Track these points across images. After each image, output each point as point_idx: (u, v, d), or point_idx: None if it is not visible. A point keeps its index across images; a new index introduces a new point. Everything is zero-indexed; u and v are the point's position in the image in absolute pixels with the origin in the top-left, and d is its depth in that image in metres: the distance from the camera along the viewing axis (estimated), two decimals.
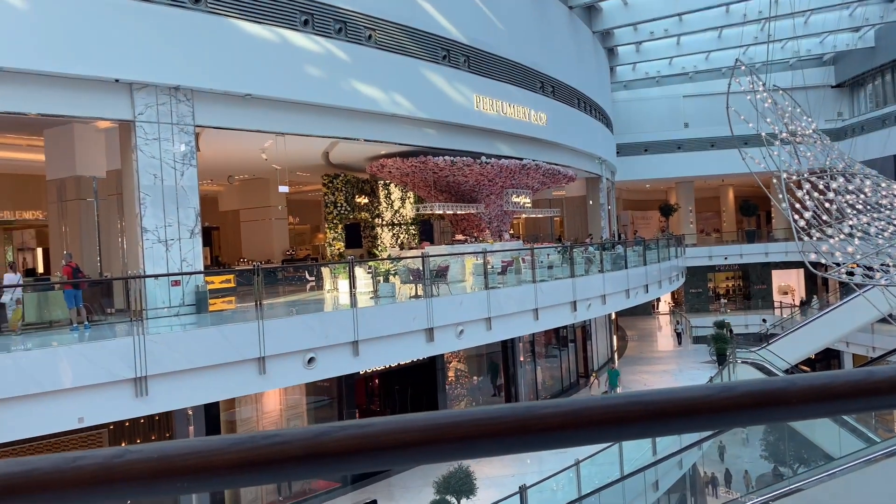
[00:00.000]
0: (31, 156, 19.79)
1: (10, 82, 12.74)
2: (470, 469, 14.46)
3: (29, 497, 0.68)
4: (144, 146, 14.16)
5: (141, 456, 0.73)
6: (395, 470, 18.08)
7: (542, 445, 0.94)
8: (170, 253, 14.50)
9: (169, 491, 0.76)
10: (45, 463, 0.69)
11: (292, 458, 0.82)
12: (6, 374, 9.83)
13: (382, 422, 0.87)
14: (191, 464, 0.76)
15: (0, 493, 0.67)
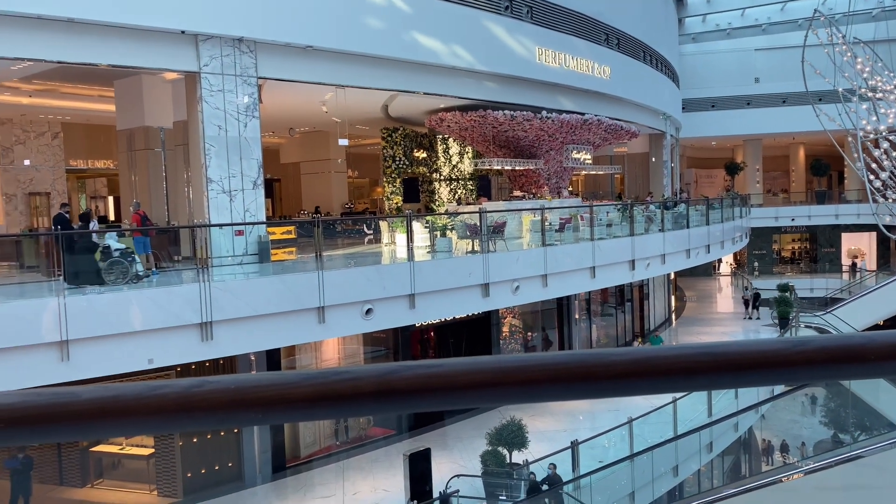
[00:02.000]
0: (103, 106, 20.41)
1: (83, 33, 13.08)
2: (522, 422, 14.62)
3: (115, 422, 0.72)
4: (209, 97, 14.41)
5: (219, 386, 0.76)
6: (450, 419, 18.43)
7: (608, 392, 0.93)
8: (233, 203, 14.84)
9: (244, 422, 0.79)
10: (129, 390, 0.72)
11: (362, 394, 0.83)
12: (83, 315, 10.33)
13: (451, 362, 0.87)
14: (266, 395, 0.78)
15: (91, 416, 0.70)
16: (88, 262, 11.70)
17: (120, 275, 11.78)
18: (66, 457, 15.00)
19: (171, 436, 14.47)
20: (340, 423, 17.55)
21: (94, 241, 12.39)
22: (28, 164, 23.39)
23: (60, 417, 0.68)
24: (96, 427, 0.71)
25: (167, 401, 0.73)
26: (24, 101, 20.31)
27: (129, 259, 12.03)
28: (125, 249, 12.19)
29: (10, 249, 17.82)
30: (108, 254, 11.94)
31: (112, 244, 12.19)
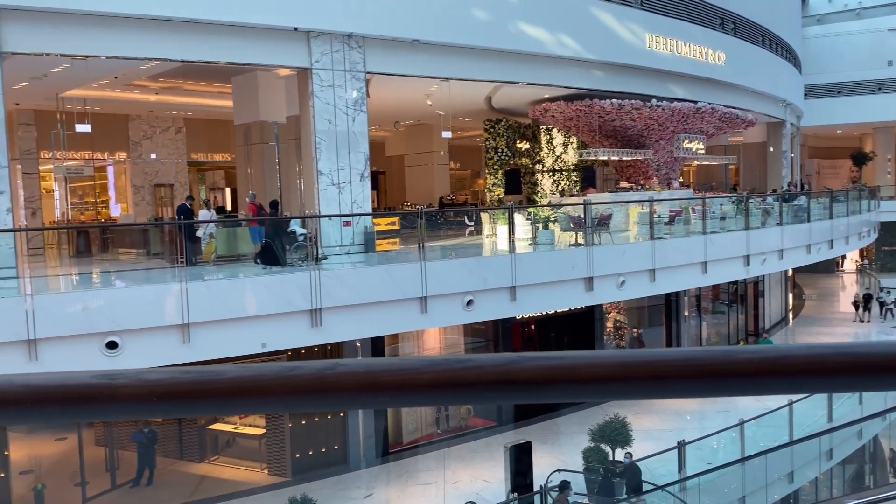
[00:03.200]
0: (221, 102, 21.50)
1: (204, 33, 13.83)
2: (626, 420, 14.31)
3: (255, 399, 0.75)
4: (320, 93, 14.89)
5: (350, 369, 0.78)
6: (552, 414, 18.29)
7: (737, 391, 0.90)
8: (342, 195, 15.30)
9: (371, 404, 0.81)
10: (268, 370, 0.76)
11: (484, 383, 0.84)
12: (202, 300, 10.96)
13: (575, 355, 0.86)
14: (393, 380, 0.80)
15: (233, 393, 0.74)
16: (279, 246, 12.96)
17: (303, 257, 13.03)
18: (186, 433, 16.00)
19: (281, 417, 15.13)
20: (441, 412, 17.78)
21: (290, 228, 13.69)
22: (154, 157, 25.00)
23: (206, 394, 0.72)
24: (238, 404, 0.75)
25: (302, 381, 0.76)
26: (151, 99, 21.70)
27: (309, 243, 13.23)
28: (307, 234, 13.41)
29: (137, 237, 19.15)
30: (294, 238, 13.12)
31: (297, 230, 13.35)
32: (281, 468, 15.31)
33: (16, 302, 10.09)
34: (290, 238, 13.25)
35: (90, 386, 0.67)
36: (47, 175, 24.10)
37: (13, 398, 0.65)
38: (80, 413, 0.69)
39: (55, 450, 15.26)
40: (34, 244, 20.01)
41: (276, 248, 12.73)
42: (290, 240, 13.23)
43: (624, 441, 14.06)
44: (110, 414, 0.70)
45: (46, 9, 12.59)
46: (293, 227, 13.62)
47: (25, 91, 17.70)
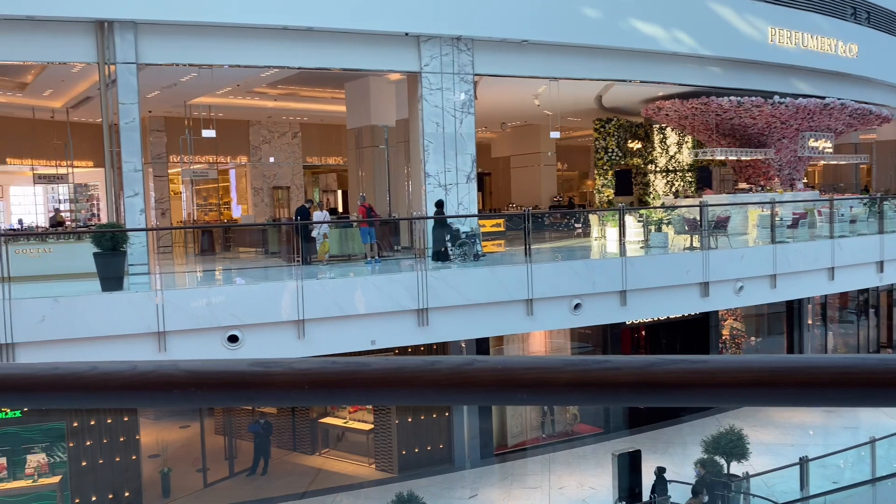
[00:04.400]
0: (335, 107, 22.26)
1: (320, 41, 14.37)
2: (743, 432, 13.65)
3: (396, 391, 0.77)
4: (429, 96, 15.12)
5: (488, 366, 0.78)
6: (662, 423, 17.71)
7: (894, 402, 0.84)
8: (448, 196, 15.45)
9: (508, 401, 0.81)
10: (409, 363, 0.77)
11: (622, 384, 0.82)
12: (316, 297, 11.37)
13: (716, 359, 0.83)
14: (531, 378, 0.79)
15: (377, 384, 0.76)
16: (442, 243, 13.88)
17: (467, 255, 13.68)
18: (299, 426, 16.64)
19: (389, 414, 15.46)
20: (547, 416, 17.61)
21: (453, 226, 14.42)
22: (272, 160, 26.21)
23: (352, 383, 0.74)
24: (380, 395, 0.77)
25: (440, 376, 0.77)
26: (269, 105, 22.76)
27: (472, 241, 13.88)
28: (470, 233, 14.04)
29: (256, 237, 20.13)
30: (458, 236, 13.77)
31: (462, 228, 13.98)
32: (388, 464, 15.65)
33: (147, 297, 10.84)
34: (454, 236, 13.89)
35: (247, 374, 0.71)
36: (175, 178, 25.78)
37: (179, 382, 0.69)
38: (238, 398, 0.73)
39: (179, 436, 16.27)
40: (163, 243, 21.46)
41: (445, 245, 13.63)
42: (455, 238, 13.88)
43: (740, 454, 13.42)
44: (265, 400, 0.73)
45: (177, 22, 13.47)
46: (457, 225, 14.20)
47: (157, 99, 19.02)
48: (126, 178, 13.44)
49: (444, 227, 14.05)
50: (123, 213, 13.50)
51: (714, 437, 13.62)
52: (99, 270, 10.85)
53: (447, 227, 14.04)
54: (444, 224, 14.16)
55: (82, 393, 0.66)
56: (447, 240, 13.78)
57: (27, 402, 0.69)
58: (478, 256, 13.85)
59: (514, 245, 16.75)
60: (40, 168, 23.56)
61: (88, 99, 18.74)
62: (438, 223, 14.14)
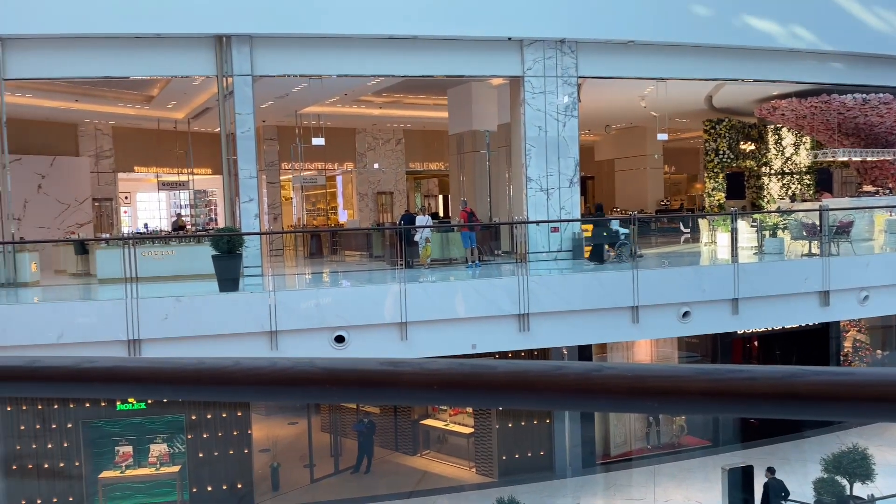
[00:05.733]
0: (437, 114, 22.54)
1: (423, 49, 14.60)
2: (868, 451, 12.74)
3: (522, 394, 0.76)
4: (531, 99, 15.04)
5: (617, 372, 0.76)
6: (777, 439, 16.79)
7: None
8: (550, 201, 15.31)
9: (637, 409, 0.79)
10: (535, 367, 0.76)
11: (759, 395, 0.77)
12: (418, 300, 11.54)
13: (865, 371, 0.77)
14: (663, 386, 0.76)
15: (503, 387, 0.76)
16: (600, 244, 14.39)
17: (625, 256, 14.03)
18: (401, 426, 16.93)
19: (489, 418, 15.45)
20: (652, 427, 17.09)
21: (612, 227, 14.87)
22: (377, 167, 26.85)
23: (479, 385, 0.75)
24: (506, 397, 0.76)
25: (567, 381, 0.75)
26: (374, 113, 23.34)
27: (629, 242, 14.13)
28: (628, 234, 14.31)
29: (361, 241, 20.65)
30: (616, 238, 14.18)
31: (620, 230, 14.28)
32: (488, 468, 15.64)
33: (261, 297, 11.35)
34: (612, 238, 14.17)
35: (377, 372, 0.72)
36: (286, 184, 26.89)
37: (316, 379, 0.72)
38: (369, 396, 0.74)
39: (288, 432, 16.90)
40: (275, 246, 22.42)
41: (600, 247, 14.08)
42: (613, 239, 14.16)
43: (864, 475, 12.53)
44: (394, 398, 0.74)
45: (289, 35, 14.06)
46: (615, 227, 14.38)
47: (270, 109, 19.89)
48: (242, 184, 14.13)
49: (602, 228, 14.42)
50: (239, 217, 14.20)
51: (835, 455, 12.79)
52: (217, 272, 11.46)
53: (605, 228, 14.34)
54: (602, 225, 14.50)
55: (226, 386, 0.70)
56: (605, 239, 14.15)
57: (176, 394, 0.73)
58: (634, 257, 13.82)
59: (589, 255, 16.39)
60: (164, 175, 25.22)
61: (208, 110, 19.86)
62: (597, 225, 14.60)
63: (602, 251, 14.12)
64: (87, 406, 13.67)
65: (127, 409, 13.78)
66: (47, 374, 0.73)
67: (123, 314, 10.43)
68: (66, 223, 20.88)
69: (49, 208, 20.37)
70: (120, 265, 11.49)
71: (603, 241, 14.27)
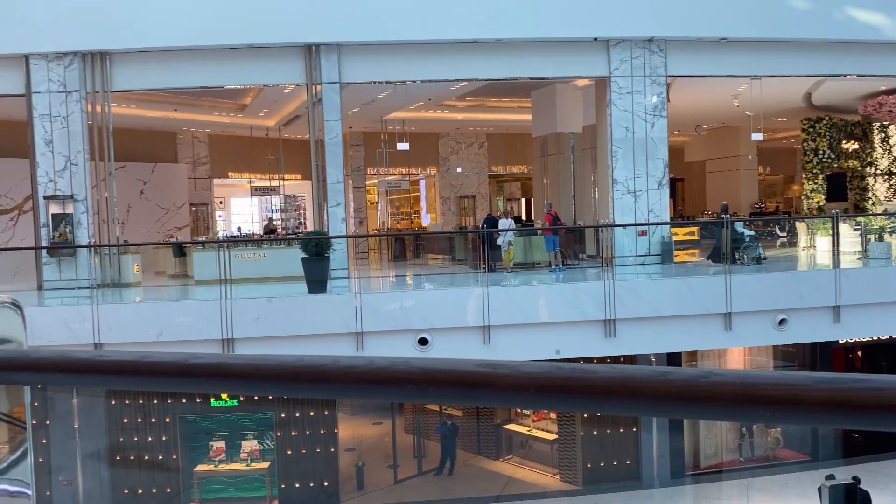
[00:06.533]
0: (520, 116, 22.45)
1: (507, 52, 14.58)
2: None
3: (625, 400, 0.73)
4: (618, 100, 14.75)
5: (726, 379, 0.72)
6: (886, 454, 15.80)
7: None
8: (637, 203, 14.95)
9: (747, 418, 0.74)
10: (639, 372, 0.73)
11: (885, 407, 0.71)
12: (501, 304, 11.51)
13: None
14: (775, 394, 0.72)
15: (605, 391, 0.73)
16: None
17: (747, 257, 13.86)
18: (483, 430, 16.91)
19: (573, 424, 15.23)
20: (745, 439, 16.40)
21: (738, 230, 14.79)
22: (459, 170, 26.97)
23: (578, 390, 0.72)
24: (607, 402, 0.74)
25: (674, 387, 0.72)
26: (458, 117, 23.46)
27: (755, 244, 14.10)
28: (753, 236, 14.31)
29: (444, 244, 20.79)
30: (742, 240, 14.06)
31: (745, 232, 14.23)
32: (572, 476, 15.41)
33: (347, 299, 11.60)
34: (738, 240, 13.97)
35: (473, 373, 0.71)
36: (371, 188, 27.39)
37: (413, 379, 0.71)
38: (465, 397, 0.73)
39: (372, 432, 17.18)
40: (360, 249, 22.88)
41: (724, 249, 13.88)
42: (739, 242, 13.96)
43: None
44: (489, 400, 0.73)
45: (376, 42, 14.33)
46: (740, 229, 14.24)
47: (357, 115, 20.32)
48: (330, 189, 14.50)
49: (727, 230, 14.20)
50: (327, 221, 14.57)
51: None
52: (306, 274, 11.80)
53: (731, 230, 14.14)
54: (728, 227, 14.28)
55: (324, 384, 0.70)
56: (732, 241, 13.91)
57: (276, 390, 0.75)
58: (760, 259, 13.61)
59: (709, 255, 15.86)
60: (256, 181, 26.18)
61: (297, 117, 20.49)
62: (721, 226, 14.40)
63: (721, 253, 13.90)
64: (183, 402, 14.33)
65: (220, 405, 14.34)
66: (156, 368, 0.76)
67: (218, 314, 10.88)
68: (166, 227, 21.98)
69: (150, 213, 21.50)
70: (215, 267, 12.00)
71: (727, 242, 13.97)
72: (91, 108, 14.34)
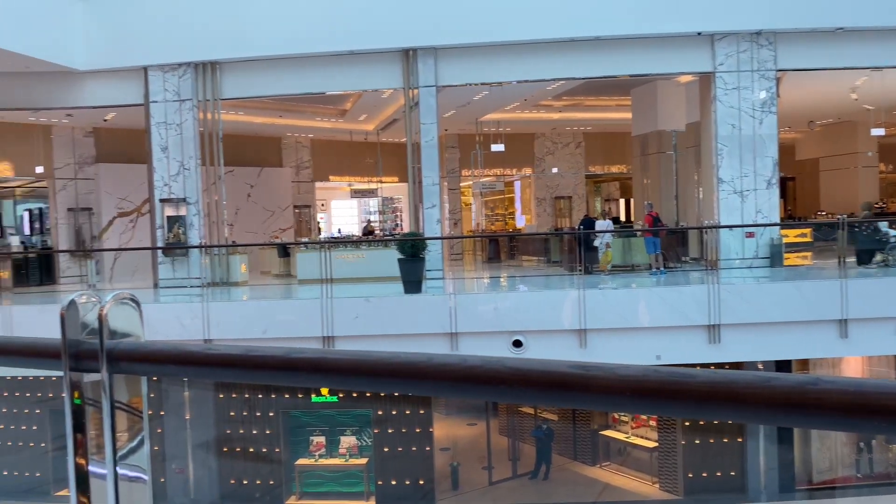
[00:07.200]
0: (619, 115, 21.95)
1: (605, 49, 14.31)
2: None
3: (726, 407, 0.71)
4: (723, 96, 14.18)
5: (836, 387, 0.68)
6: None
7: None
8: (744, 204, 14.32)
9: (857, 427, 0.70)
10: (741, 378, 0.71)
11: None
12: (598, 307, 11.30)
13: None
14: (892, 405, 0.67)
15: (703, 397, 0.71)
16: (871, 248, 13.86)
17: (893, 260, 13.58)
18: (580, 435, 16.65)
19: (674, 432, 14.76)
20: (863, 454, 15.37)
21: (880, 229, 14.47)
22: (555, 171, 26.67)
23: (677, 394, 0.70)
24: (707, 408, 0.71)
25: (778, 394, 0.69)
26: (553, 117, 23.21)
27: None
28: None
29: (539, 246, 20.63)
30: (887, 241, 13.74)
31: (890, 232, 13.86)
32: (673, 485, 14.93)
33: (442, 300, 11.73)
34: (881, 240, 13.66)
35: (568, 375, 0.71)
36: (466, 190, 27.53)
37: (505, 378, 0.72)
38: (558, 399, 0.73)
39: (467, 433, 17.25)
40: (455, 250, 23.06)
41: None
42: (882, 242, 13.64)
43: None
44: (582, 402, 0.72)
45: (471, 45, 14.41)
46: (883, 228, 13.88)
47: (452, 118, 20.48)
48: (425, 191, 14.70)
49: (872, 231, 13.90)
50: (422, 222, 14.77)
51: None
52: (402, 274, 12.01)
53: (876, 231, 13.82)
54: (872, 228, 13.98)
55: (419, 380, 0.72)
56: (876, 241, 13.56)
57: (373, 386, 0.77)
58: None
59: (823, 257, 14.98)
60: (355, 184, 26.90)
61: (395, 121, 20.88)
62: (860, 227, 14.13)
63: (865, 254, 13.42)
64: (286, 397, 14.88)
65: (320, 401, 14.81)
66: (260, 362, 0.80)
67: (319, 312, 11.25)
68: (271, 228, 22.91)
69: (256, 215, 22.47)
70: (317, 267, 12.40)
71: (869, 244, 13.58)
72: (202, 116, 15.16)
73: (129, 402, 0.99)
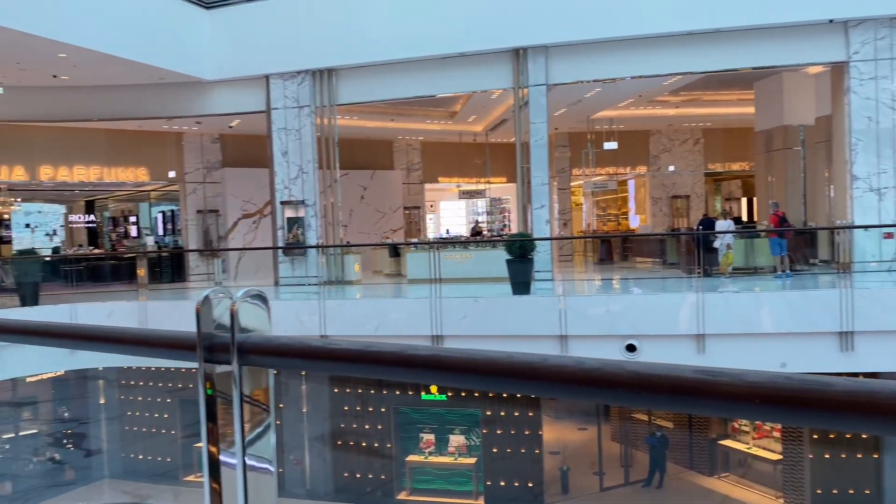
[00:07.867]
0: (741, 109, 20.94)
1: (726, 41, 13.67)
2: None
3: (866, 416, 0.65)
4: (858, 87, 13.22)
5: None
6: None
7: None
8: (882, 202, 13.29)
9: None
10: (881, 387, 0.65)
11: None
12: (718, 311, 10.81)
13: None
14: None
15: (841, 408, 0.66)
16: None
17: None
18: (696, 444, 16.00)
19: (800, 444, 13.91)
20: None
21: None
22: (672, 169, 25.77)
23: (811, 403, 0.66)
24: (845, 420, 0.66)
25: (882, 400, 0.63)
26: (670, 113, 22.43)
27: None
28: None
29: (654, 247, 20.00)
30: None
31: None
32: (799, 500, 14.07)
33: (551, 301, 11.59)
34: None
35: (691, 380, 0.68)
36: (576, 190, 27.09)
37: (624, 382, 0.70)
38: (680, 404, 0.70)
39: (577, 437, 16.98)
40: (564, 251, 22.74)
41: None
42: None
43: None
44: (708, 409, 0.69)
45: (582, 41, 14.17)
46: None
47: (562, 116, 20.23)
48: (534, 191, 14.59)
49: None
50: (531, 223, 14.67)
51: None
52: (510, 275, 11.97)
53: None
54: None
55: (533, 381, 0.71)
56: None
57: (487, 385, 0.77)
58: None
59: None
60: (464, 185, 27.11)
61: (504, 122, 20.88)
62: None
63: None
64: (397, 393, 15.21)
65: (430, 399, 15.02)
66: (378, 357, 0.82)
67: (428, 311, 11.41)
68: (382, 229, 23.50)
69: (369, 216, 23.10)
70: (426, 267, 12.59)
71: None
72: (319, 121, 15.76)
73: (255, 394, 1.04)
